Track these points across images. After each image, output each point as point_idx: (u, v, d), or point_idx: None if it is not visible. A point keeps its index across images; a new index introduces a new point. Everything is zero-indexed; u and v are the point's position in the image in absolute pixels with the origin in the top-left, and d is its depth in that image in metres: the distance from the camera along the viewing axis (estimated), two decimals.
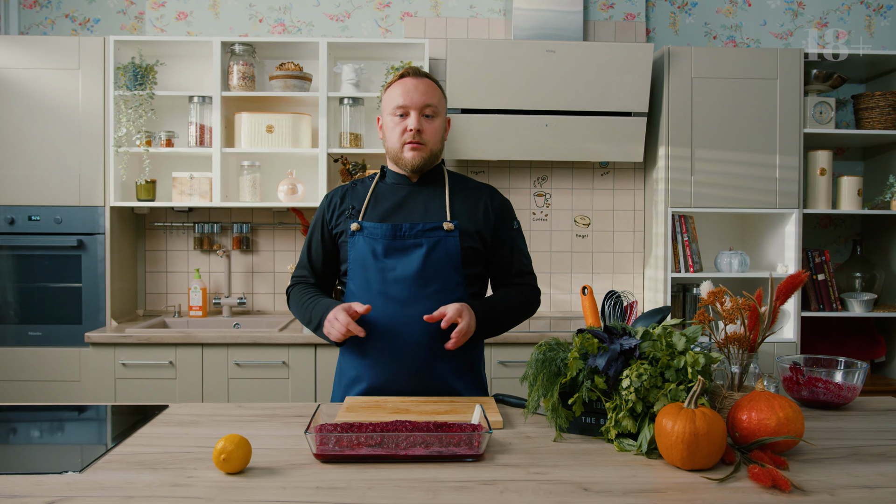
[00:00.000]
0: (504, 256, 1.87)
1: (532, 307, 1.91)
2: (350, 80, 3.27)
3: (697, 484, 1.20)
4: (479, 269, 1.84)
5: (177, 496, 1.15)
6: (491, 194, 1.89)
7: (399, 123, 1.78)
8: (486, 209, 1.85)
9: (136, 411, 1.69)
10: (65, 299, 3.13)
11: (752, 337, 1.49)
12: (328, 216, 1.86)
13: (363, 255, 1.77)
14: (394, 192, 1.84)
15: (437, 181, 1.87)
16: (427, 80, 1.79)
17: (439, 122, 1.81)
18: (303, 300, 1.83)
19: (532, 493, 1.17)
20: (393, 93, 1.79)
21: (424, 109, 1.77)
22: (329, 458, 1.30)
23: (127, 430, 1.51)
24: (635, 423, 1.38)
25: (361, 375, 1.78)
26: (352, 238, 1.79)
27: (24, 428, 1.67)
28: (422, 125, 1.76)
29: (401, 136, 1.77)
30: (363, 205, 1.82)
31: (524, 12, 3.30)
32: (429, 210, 1.80)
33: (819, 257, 3.34)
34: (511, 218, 1.90)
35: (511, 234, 1.88)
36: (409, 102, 1.76)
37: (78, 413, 1.82)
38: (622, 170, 3.60)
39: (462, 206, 1.82)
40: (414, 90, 1.76)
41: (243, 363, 2.90)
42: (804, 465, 1.29)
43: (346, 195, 1.87)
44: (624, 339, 1.43)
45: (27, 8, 3.55)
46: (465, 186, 1.88)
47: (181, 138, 3.41)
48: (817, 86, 3.36)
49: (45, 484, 1.20)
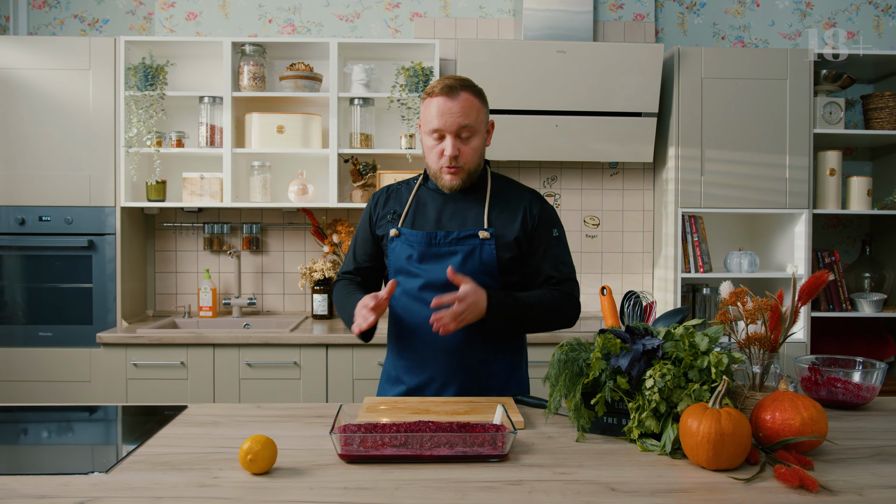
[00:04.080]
0: (535, 264, 1.82)
1: (566, 311, 1.81)
2: (360, 80, 3.27)
3: (724, 484, 1.20)
4: (517, 277, 1.83)
5: (205, 497, 1.15)
6: (531, 201, 1.84)
7: (435, 146, 1.75)
8: (525, 217, 1.81)
9: (153, 412, 1.70)
10: (75, 300, 3.13)
11: (774, 337, 1.50)
12: (374, 217, 1.89)
13: (401, 260, 1.80)
14: (434, 198, 1.84)
15: (480, 187, 1.84)
16: (462, 97, 1.72)
17: (477, 140, 1.76)
18: (341, 297, 1.87)
19: (560, 493, 1.17)
20: (429, 111, 1.74)
21: (461, 132, 1.72)
22: (353, 459, 1.30)
23: (148, 431, 1.51)
24: (658, 423, 1.38)
25: (402, 377, 1.83)
26: (391, 243, 1.82)
27: (43, 429, 1.68)
28: (458, 149, 1.73)
29: (438, 159, 1.75)
30: (404, 209, 1.84)
31: (534, 12, 3.30)
32: (467, 218, 1.80)
33: (829, 257, 3.34)
34: (551, 226, 1.84)
35: (549, 241, 1.83)
36: (444, 126, 1.71)
37: (90, 413, 1.82)
38: (631, 170, 3.60)
39: (501, 214, 1.80)
40: (448, 112, 1.70)
41: (255, 363, 2.90)
42: (829, 466, 1.29)
43: (390, 198, 1.89)
44: (646, 340, 1.43)
45: (36, 8, 3.55)
46: (507, 192, 1.85)
47: (191, 139, 3.41)
48: (827, 86, 3.36)
49: (72, 484, 1.20)
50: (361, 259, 1.92)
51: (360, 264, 1.92)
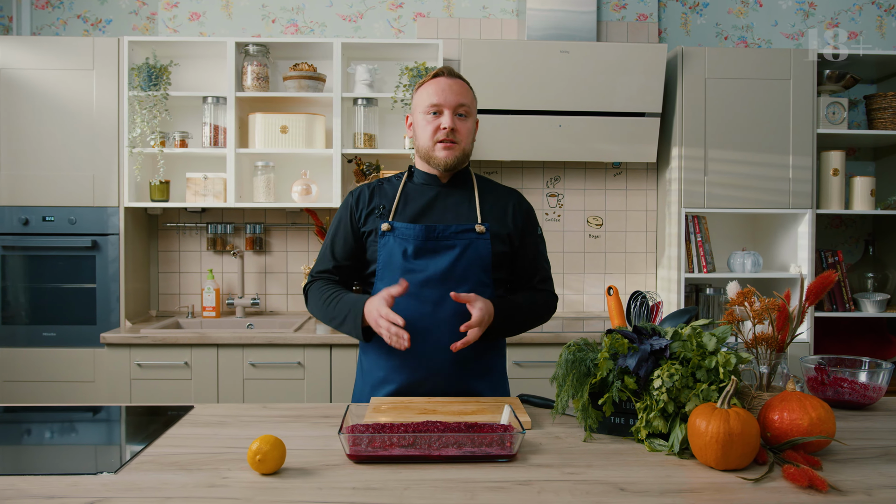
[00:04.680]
0: (528, 261, 1.87)
1: (548, 313, 1.92)
2: (364, 80, 3.27)
3: (733, 484, 1.20)
4: (504, 273, 1.84)
5: (215, 497, 1.15)
6: (518, 199, 1.89)
7: (432, 122, 1.76)
8: (514, 213, 1.85)
9: (159, 412, 1.70)
10: (79, 300, 3.13)
11: (781, 337, 1.50)
12: (356, 214, 1.83)
13: (393, 256, 1.76)
14: (423, 192, 1.83)
15: (466, 183, 1.86)
16: (461, 81, 1.79)
17: (471, 122, 1.81)
18: (324, 297, 1.79)
19: (569, 493, 1.17)
20: (426, 91, 1.77)
21: (458, 109, 1.76)
22: (362, 459, 1.30)
23: (155, 432, 1.51)
24: (666, 423, 1.38)
25: (390, 377, 1.77)
26: (382, 238, 1.77)
27: (48, 429, 1.68)
28: (455, 124, 1.75)
29: (433, 134, 1.76)
30: (393, 204, 1.81)
31: (538, 12, 3.31)
32: (459, 212, 1.80)
33: (832, 258, 3.34)
34: (536, 224, 1.91)
35: (535, 239, 1.89)
36: (443, 101, 1.75)
37: (95, 414, 1.82)
38: (634, 170, 3.60)
39: (491, 210, 1.82)
40: (448, 89, 1.75)
41: (259, 364, 2.90)
42: (837, 466, 1.29)
43: (374, 193, 1.84)
44: (654, 340, 1.43)
45: (39, 8, 3.55)
46: (493, 190, 1.88)
47: (195, 139, 3.41)
48: (830, 86, 3.36)
49: (81, 485, 1.20)
50: (341, 257, 1.84)
51: (340, 262, 1.84)
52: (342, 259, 1.85)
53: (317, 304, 1.82)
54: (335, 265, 1.85)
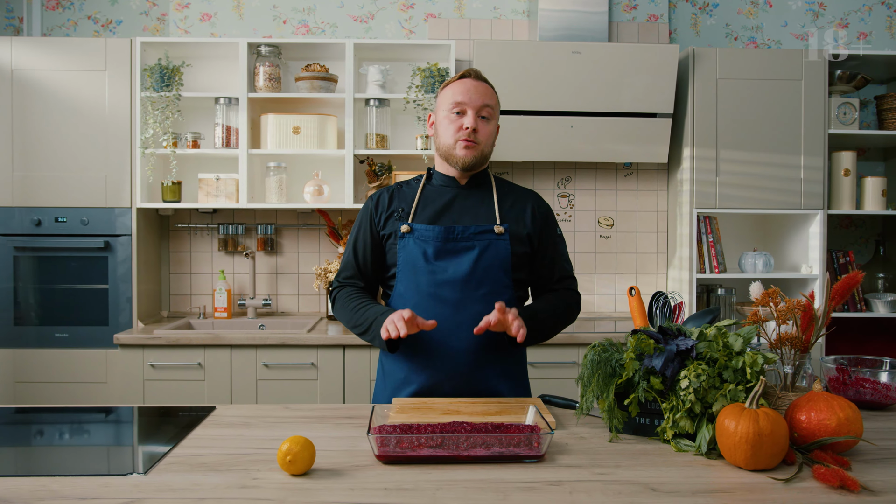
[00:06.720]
0: (548, 262, 1.88)
1: (574, 313, 1.91)
2: (376, 81, 3.27)
3: (763, 484, 1.21)
4: (524, 274, 1.84)
5: (249, 498, 1.15)
6: (537, 200, 1.90)
7: (455, 121, 1.77)
8: (534, 214, 1.85)
9: (179, 413, 1.70)
10: (91, 301, 3.14)
11: (806, 338, 1.50)
12: (376, 217, 1.84)
13: (413, 258, 1.76)
14: (441, 194, 1.84)
15: (485, 185, 1.87)
16: (486, 84, 1.80)
17: (493, 125, 1.82)
18: (351, 305, 1.81)
19: (601, 493, 1.17)
20: (451, 90, 1.79)
21: (481, 110, 1.77)
22: (390, 459, 1.31)
23: (180, 433, 1.51)
24: (693, 423, 1.38)
25: (411, 378, 1.77)
26: (401, 240, 1.78)
27: (67, 430, 1.67)
28: (477, 125, 1.76)
29: (455, 133, 1.77)
30: (412, 207, 1.81)
31: (549, 13, 3.31)
32: (478, 213, 1.81)
33: (843, 258, 3.34)
34: (555, 224, 1.91)
35: (555, 239, 1.89)
36: (468, 101, 1.76)
37: (108, 415, 1.82)
38: (645, 171, 3.60)
39: (510, 211, 1.83)
40: (473, 90, 1.77)
41: (272, 364, 2.91)
42: (866, 466, 1.29)
43: (393, 196, 1.85)
44: (679, 340, 1.44)
45: (50, 10, 3.56)
46: (512, 191, 1.89)
47: (207, 140, 3.41)
48: (841, 86, 3.36)
49: (112, 485, 1.20)
50: (364, 262, 1.85)
51: (363, 267, 1.85)
52: (364, 264, 1.86)
53: (343, 312, 1.84)
54: (359, 271, 1.87)
